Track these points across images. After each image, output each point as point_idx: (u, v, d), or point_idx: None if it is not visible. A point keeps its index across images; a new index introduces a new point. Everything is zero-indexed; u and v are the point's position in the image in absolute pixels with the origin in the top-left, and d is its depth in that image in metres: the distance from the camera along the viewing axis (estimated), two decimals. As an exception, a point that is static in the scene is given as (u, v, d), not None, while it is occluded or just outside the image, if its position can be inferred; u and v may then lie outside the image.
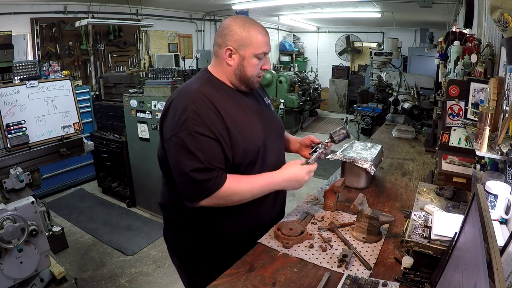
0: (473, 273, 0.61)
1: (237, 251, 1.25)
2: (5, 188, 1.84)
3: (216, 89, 1.24)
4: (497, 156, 1.17)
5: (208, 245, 1.33)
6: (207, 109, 1.15)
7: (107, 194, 4.16)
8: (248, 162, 1.24)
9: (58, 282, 1.95)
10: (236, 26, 1.20)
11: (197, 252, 1.35)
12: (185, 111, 1.14)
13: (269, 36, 1.29)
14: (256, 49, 1.21)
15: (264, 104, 1.42)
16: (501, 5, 1.11)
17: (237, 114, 1.23)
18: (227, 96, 1.24)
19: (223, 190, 1.14)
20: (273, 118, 1.43)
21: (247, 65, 1.22)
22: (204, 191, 1.13)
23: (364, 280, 1.03)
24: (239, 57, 1.21)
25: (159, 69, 3.31)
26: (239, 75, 1.24)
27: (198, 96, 1.18)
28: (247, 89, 1.29)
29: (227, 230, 1.32)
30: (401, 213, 1.52)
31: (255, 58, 1.21)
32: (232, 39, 1.20)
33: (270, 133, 1.34)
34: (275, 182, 1.25)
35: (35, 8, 4.47)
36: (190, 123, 1.12)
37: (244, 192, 1.20)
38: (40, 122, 2.13)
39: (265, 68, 1.26)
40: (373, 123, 5.10)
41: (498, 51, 1.75)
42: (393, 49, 4.26)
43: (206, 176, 1.12)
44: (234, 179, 1.18)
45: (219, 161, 1.16)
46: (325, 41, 9.97)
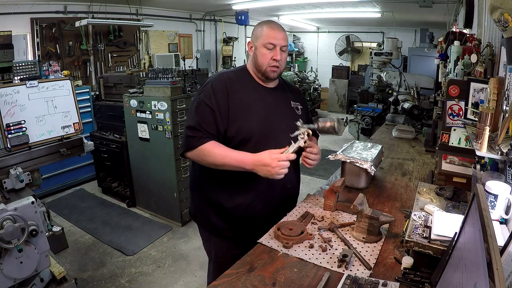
0: (473, 273, 0.61)
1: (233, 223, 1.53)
2: (5, 188, 1.84)
3: (242, 77, 1.52)
4: (497, 156, 1.17)
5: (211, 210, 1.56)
6: (221, 88, 1.44)
7: (107, 194, 4.16)
8: (240, 139, 1.43)
9: (58, 282, 1.95)
10: (257, 25, 1.51)
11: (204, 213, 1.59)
12: (205, 86, 1.48)
13: (284, 34, 1.48)
14: (264, 39, 1.44)
15: (286, 105, 1.59)
16: (501, 5, 1.11)
17: (245, 100, 1.46)
18: (247, 85, 1.50)
19: (201, 148, 1.38)
20: (292, 118, 1.50)
21: (259, 54, 1.47)
22: (188, 144, 1.41)
23: (364, 280, 1.03)
24: (255, 47, 1.49)
25: (159, 69, 3.31)
26: (255, 64, 1.49)
27: (219, 78, 1.49)
28: (264, 78, 1.50)
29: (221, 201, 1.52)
30: (401, 213, 1.52)
31: (264, 48, 1.45)
32: (253, 34, 1.52)
33: (279, 128, 1.48)
34: (246, 161, 1.35)
35: (35, 8, 4.47)
36: (203, 94, 1.45)
37: (216, 157, 1.38)
38: (40, 122, 2.13)
39: (274, 58, 1.44)
40: (373, 123, 5.10)
41: (498, 51, 1.75)
42: (393, 49, 4.25)
43: (193, 133, 1.40)
44: (214, 144, 1.39)
45: (209, 126, 1.40)
46: (325, 41, 9.97)
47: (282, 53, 1.47)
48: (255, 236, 1.31)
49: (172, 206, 3.42)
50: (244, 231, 1.53)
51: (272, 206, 1.55)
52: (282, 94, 1.59)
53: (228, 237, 1.57)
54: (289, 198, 1.63)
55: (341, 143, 1.39)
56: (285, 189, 1.58)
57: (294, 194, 1.67)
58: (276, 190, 1.53)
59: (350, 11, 6.65)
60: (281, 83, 1.63)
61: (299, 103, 1.63)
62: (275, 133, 1.47)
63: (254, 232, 1.34)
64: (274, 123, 1.49)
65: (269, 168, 1.31)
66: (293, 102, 1.61)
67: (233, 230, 1.55)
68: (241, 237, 1.53)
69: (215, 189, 1.53)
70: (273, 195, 1.53)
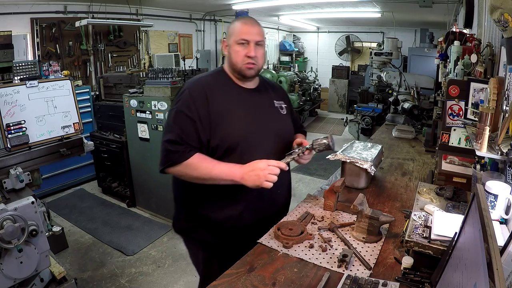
0: (473, 273, 0.61)
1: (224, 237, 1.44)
2: (5, 188, 1.84)
3: (219, 80, 1.43)
4: (497, 156, 1.17)
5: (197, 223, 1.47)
6: (198, 95, 1.34)
7: (107, 194, 4.15)
8: (225, 148, 1.34)
9: (58, 282, 1.95)
10: (231, 23, 1.43)
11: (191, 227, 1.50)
12: (182, 94, 1.37)
13: (258, 29, 1.39)
14: (237, 36, 1.36)
15: (270, 106, 1.50)
16: (501, 5, 1.11)
17: (226, 105, 1.37)
18: (226, 88, 1.41)
19: (185, 163, 1.29)
20: (277, 119, 1.49)
21: (232, 52, 1.38)
22: (170, 160, 1.31)
23: (364, 280, 1.03)
24: (229, 46, 1.40)
25: (159, 69, 3.31)
26: (230, 63, 1.41)
27: (196, 84, 1.40)
28: (241, 77, 1.41)
29: (209, 214, 1.43)
30: (401, 213, 1.52)
31: (237, 45, 1.36)
32: (226, 33, 1.43)
33: (266, 130, 1.42)
34: (233, 172, 1.28)
35: (35, 8, 4.47)
36: (180, 103, 1.35)
37: (202, 171, 1.30)
38: (40, 122, 2.13)
39: (248, 55, 1.35)
40: (373, 123, 5.10)
41: (498, 51, 1.75)
42: (393, 49, 4.25)
43: (174, 148, 1.30)
44: (199, 158, 1.31)
45: (191, 138, 1.31)
46: (325, 41, 9.97)
47: (257, 49, 1.37)
48: (246, 249, 1.25)
49: (172, 206, 3.40)
50: (234, 244, 1.42)
51: (262, 219, 1.45)
52: (264, 94, 1.50)
53: (218, 251, 1.47)
54: (279, 212, 1.53)
55: (341, 143, 1.39)
56: (276, 203, 1.51)
57: (284, 208, 1.60)
58: (266, 202, 1.45)
59: (350, 11, 6.65)
60: (262, 83, 1.54)
61: (282, 102, 1.56)
62: (261, 137, 1.41)
63: (245, 245, 1.28)
64: (259, 126, 1.41)
65: (257, 172, 1.25)
66: (277, 102, 1.53)
67: (223, 244, 1.45)
68: (231, 250, 1.39)
69: (201, 201, 1.42)
70: (263, 206, 1.45)
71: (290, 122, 1.56)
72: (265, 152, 1.38)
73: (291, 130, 1.56)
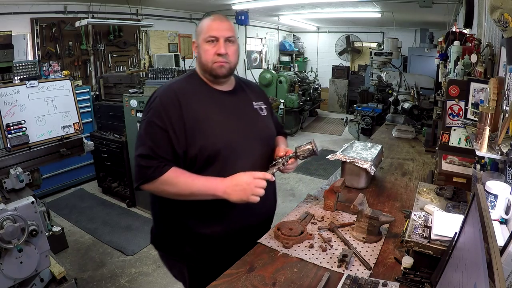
0: (473, 273, 0.61)
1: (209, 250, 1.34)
2: (5, 188, 1.84)
3: (192, 85, 1.33)
4: (497, 156, 1.17)
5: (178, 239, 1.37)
6: (170, 102, 1.24)
7: (107, 194, 4.15)
8: (205, 157, 1.24)
9: (58, 282, 1.95)
10: (200, 22, 1.35)
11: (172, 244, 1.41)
12: (152, 103, 1.26)
13: (227, 24, 1.30)
14: (205, 34, 1.27)
15: (249, 108, 1.41)
16: (501, 5, 1.11)
17: (202, 110, 1.26)
18: (200, 93, 1.31)
19: (161, 179, 1.19)
20: (258, 122, 1.40)
21: (202, 52, 1.29)
22: (144, 176, 1.21)
23: (364, 280, 1.03)
24: (198, 46, 1.32)
25: (159, 69, 3.31)
26: (200, 64, 1.32)
27: (167, 91, 1.28)
28: (212, 77, 1.32)
29: (194, 229, 1.33)
30: (401, 213, 1.52)
31: (206, 43, 1.27)
32: (195, 32, 1.35)
33: (247, 136, 1.33)
34: (215, 186, 1.19)
35: (35, 8, 4.47)
36: (151, 113, 1.25)
37: (181, 187, 1.20)
38: (40, 122, 2.13)
39: (218, 53, 1.26)
40: (373, 123, 5.10)
41: (498, 51, 1.75)
42: (393, 49, 4.25)
43: (147, 163, 1.20)
44: (176, 172, 1.20)
45: (165, 151, 1.21)
46: (325, 41, 9.97)
47: (228, 46, 1.27)
48: (233, 261, 1.19)
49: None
50: (221, 257, 1.32)
51: (248, 228, 1.37)
52: (241, 96, 1.41)
53: (204, 266, 1.36)
54: (267, 220, 1.48)
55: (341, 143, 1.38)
56: (262, 210, 1.41)
57: (271, 215, 1.53)
58: (252, 211, 1.33)
59: (350, 11, 6.65)
60: (238, 83, 1.44)
61: (262, 102, 1.46)
62: (243, 143, 1.31)
63: (231, 257, 1.22)
64: (240, 132, 1.31)
65: (243, 186, 1.17)
66: (256, 103, 1.44)
67: (209, 258, 1.35)
68: (217, 263, 1.28)
69: (187, 216, 1.31)
70: (248, 216, 1.35)
71: (271, 123, 1.48)
72: (249, 158, 1.31)
73: (273, 132, 1.47)
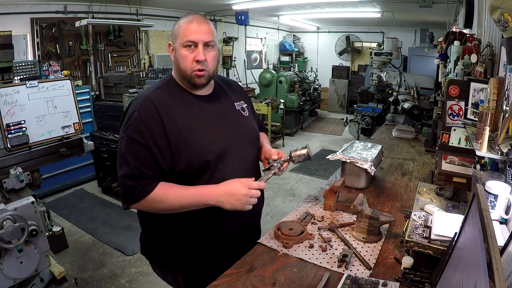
0: (473, 273, 0.61)
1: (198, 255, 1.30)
2: (5, 188, 1.84)
3: (170, 93, 1.23)
4: (497, 156, 1.17)
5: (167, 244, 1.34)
6: (150, 116, 1.15)
7: (107, 194, 4.15)
8: (194, 170, 1.19)
9: (58, 282, 1.96)
10: (176, 22, 1.22)
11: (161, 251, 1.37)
12: (130, 118, 1.17)
13: (207, 27, 1.19)
14: (182, 38, 1.17)
15: (231, 110, 1.35)
16: (501, 5, 1.11)
17: (185, 121, 1.19)
18: (180, 101, 1.22)
19: (150, 197, 1.13)
20: (242, 125, 1.35)
21: (179, 57, 1.19)
22: (131, 196, 1.15)
23: (364, 280, 1.03)
24: (175, 50, 1.21)
25: (159, 69, 3.32)
26: (178, 70, 1.22)
27: (145, 103, 1.18)
28: (190, 86, 1.24)
29: (185, 236, 1.29)
30: (401, 213, 1.52)
31: (183, 48, 1.17)
32: (172, 33, 1.23)
33: (234, 141, 1.28)
34: (206, 195, 1.15)
35: (35, 8, 4.47)
36: (130, 129, 1.15)
37: (171, 201, 1.15)
38: (40, 122, 2.14)
39: (197, 59, 1.16)
40: (373, 123, 5.11)
41: (498, 51, 1.75)
42: (393, 49, 4.25)
43: (133, 182, 1.13)
44: (164, 188, 1.15)
45: (150, 168, 1.14)
46: (325, 41, 9.97)
47: (207, 51, 1.19)
48: (231, 263, 1.17)
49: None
50: (215, 264, 1.29)
51: (243, 231, 1.36)
52: (222, 98, 1.33)
53: (198, 271, 1.33)
54: (256, 222, 1.46)
55: (341, 143, 1.38)
56: (252, 213, 1.31)
57: (258, 217, 1.48)
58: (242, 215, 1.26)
59: (350, 11, 6.65)
60: (218, 84, 1.36)
61: (242, 101, 1.41)
62: (231, 150, 1.26)
63: (227, 260, 1.21)
64: (226, 139, 1.26)
65: (239, 197, 1.14)
66: (237, 103, 1.38)
67: (204, 265, 1.32)
68: (211, 268, 1.27)
69: (175, 221, 1.26)
70: (238, 221, 1.32)
71: (254, 124, 1.42)
72: (238, 163, 1.28)
73: (257, 131, 1.43)
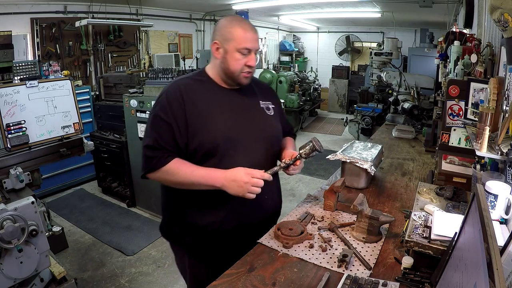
0: (473, 273, 0.61)
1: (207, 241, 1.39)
2: (5, 188, 1.84)
3: (198, 82, 1.36)
4: (497, 156, 1.17)
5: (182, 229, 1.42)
6: (175, 98, 1.29)
7: (107, 194, 4.15)
8: (204, 152, 1.29)
9: (58, 282, 1.95)
10: (225, 22, 1.32)
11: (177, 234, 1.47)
12: (161, 97, 1.33)
13: (257, 35, 1.34)
14: (238, 43, 1.27)
15: (254, 106, 1.42)
16: (501, 5, 1.11)
17: (205, 107, 1.31)
18: (205, 90, 1.35)
19: (164, 169, 1.26)
20: (263, 120, 1.41)
21: (230, 59, 1.29)
22: (149, 166, 1.29)
23: (364, 280, 1.03)
24: (224, 50, 1.30)
25: (159, 69, 3.31)
26: (223, 69, 1.32)
27: (174, 87, 1.33)
28: (234, 84, 1.36)
29: (192, 219, 1.38)
30: (401, 213, 1.52)
31: (237, 52, 1.28)
32: (219, 33, 1.31)
33: (249, 132, 1.36)
34: (214, 177, 1.24)
35: (35, 8, 4.47)
36: (157, 107, 1.31)
37: (181, 176, 1.26)
38: (40, 122, 2.13)
39: (249, 65, 1.30)
40: (373, 123, 5.11)
41: (498, 51, 1.75)
42: (393, 49, 4.25)
43: (152, 153, 1.28)
44: (178, 163, 1.27)
45: (168, 143, 1.27)
46: (325, 41, 9.97)
47: (255, 57, 1.32)
48: (232, 258, 1.20)
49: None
50: (219, 250, 1.39)
51: (248, 225, 1.39)
52: (248, 94, 1.41)
53: (204, 258, 1.43)
54: (268, 219, 1.47)
55: (341, 143, 1.38)
56: (263, 208, 1.43)
57: (274, 214, 1.53)
58: (251, 208, 1.36)
59: (350, 11, 6.65)
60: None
61: (270, 102, 1.48)
62: (244, 140, 1.33)
63: (230, 253, 1.26)
64: (242, 129, 1.34)
65: (240, 184, 1.20)
66: (263, 102, 1.45)
67: (208, 250, 1.41)
68: (217, 256, 1.39)
69: (185, 206, 1.38)
70: (247, 213, 1.37)
71: (277, 123, 1.48)
72: (249, 155, 1.33)
73: (279, 132, 1.48)
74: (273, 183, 1.35)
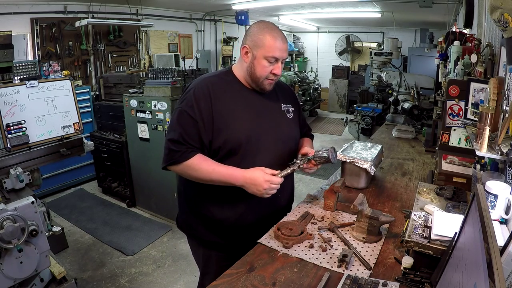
0: (473, 273, 0.61)
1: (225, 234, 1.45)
2: (5, 188, 1.84)
3: (225, 81, 1.41)
4: (497, 156, 1.17)
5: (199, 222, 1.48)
6: (202, 96, 1.33)
7: (107, 194, 4.16)
8: (228, 150, 1.34)
9: (58, 282, 1.95)
10: (256, 29, 1.36)
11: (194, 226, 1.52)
12: (188, 93, 1.36)
13: (287, 44, 1.36)
14: (267, 51, 1.32)
15: (276, 108, 1.49)
16: (501, 5, 1.11)
17: (231, 106, 1.36)
18: (231, 89, 1.39)
19: (186, 164, 1.31)
20: (284, 123, 1.48)
21: (257, 65, 1.34)
22: (171, 158, 1.32)
23: (364, 280, 1.03)
24: (252, 56, 1.35)
25: (159, 69, 3.31)
26: (249, 73, 1.37)
27: (202, 84, 1.37)
28: (257, 88, 1.41)
29: (208, 212, 1.44)
30: (401, 213, 1.52)
31: (265, 60, 1.33)
32: (250, 39, 1.36)
33: (271, 134, 1.42)
34: (235, 177, 1.30)
35: (35, 8, 4.47)
36: (184, 103, 1.35)
37: (202, 172, 1.31)
38: (40, 122, 2.13)
39: (274, 73, 1.35)
40: (373, 123, 5.10)
41: (498, 51, 1.75)
42: (393, 49, 4.25)
43: (176, 147, 1.31)
44: (200, 159, 1.32)
45: (193, 139, 1.32)
46: (325, 41, 9.97)
47: (281, 65, 1.39)
48: (245, 249, 1.25)
49: (172, 206, 3.42)
50: (234, 243, 1.46)
51: (262, 220, 1.45)
52: (271, 97, 1.47)
53: (218, 249, 1.49)
54: (281, 211, 1.54)
55: (341, 143, 1.37)
56: (277, 205, 1.50)
57: (286, 207, 1.59)
58: (267, 205, 1.43)
59: (350, 11, 6.65)
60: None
61: (290, 105, 1.54)
62: (264, 141, 1.40)
63: (244, 244, 1.29)
64: (263, 130, 1.40)
65: (259, 188, 1.28)
66: (284, 105, 1.52)
67: (223, 242, 1.47)
68: (230, 249, 1.45)
69: (203, 199, 1.44)
70: (263, 208, 1.45)
71: (296, 126, 1.55)
72: (268, 155, 1.39)
73: (296, 135, 1.55)
74: (287, 180, 1.42)
